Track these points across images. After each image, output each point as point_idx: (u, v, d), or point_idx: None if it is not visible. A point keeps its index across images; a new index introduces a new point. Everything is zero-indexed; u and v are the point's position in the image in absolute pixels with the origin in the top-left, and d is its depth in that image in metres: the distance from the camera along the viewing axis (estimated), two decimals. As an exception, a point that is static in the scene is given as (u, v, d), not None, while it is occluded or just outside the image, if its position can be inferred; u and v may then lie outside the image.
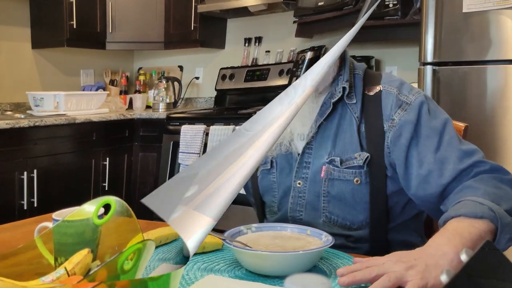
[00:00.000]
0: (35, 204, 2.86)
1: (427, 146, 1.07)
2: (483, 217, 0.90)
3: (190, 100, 4.11)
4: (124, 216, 0.81)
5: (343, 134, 1.14)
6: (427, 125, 1.09)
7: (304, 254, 0.88)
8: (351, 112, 1.14)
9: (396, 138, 1.09)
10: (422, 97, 1.12)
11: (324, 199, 1.14)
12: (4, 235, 1.17)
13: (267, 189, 1.23)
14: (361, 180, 1.11)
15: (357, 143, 1.12)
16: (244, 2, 3.29)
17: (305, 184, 1.16)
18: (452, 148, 1.06)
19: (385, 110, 1.12)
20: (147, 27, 3.71)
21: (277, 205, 1.21)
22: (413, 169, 1.07)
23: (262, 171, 1.23)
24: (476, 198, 0.94)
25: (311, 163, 1.15)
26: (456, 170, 1.03)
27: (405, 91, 1.13)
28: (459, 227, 0.89)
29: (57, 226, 0.80)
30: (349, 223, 1.13)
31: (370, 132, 1.12)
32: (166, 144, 3.32)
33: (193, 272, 0.90)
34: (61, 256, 0.79)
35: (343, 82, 1.15)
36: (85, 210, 0.81)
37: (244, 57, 3.74)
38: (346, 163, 1.12)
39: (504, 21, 2.13)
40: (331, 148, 1.13)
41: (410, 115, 1.09)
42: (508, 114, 2.16)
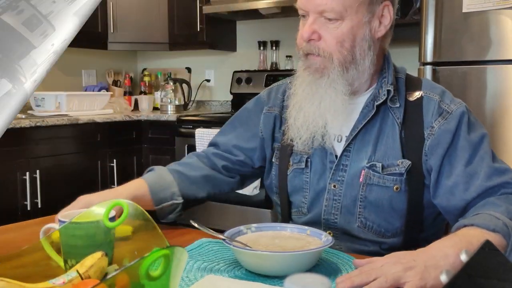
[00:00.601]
0: (39, 205, 2.86)
1: (460, 157, 1.06)
2: (496, 231, 0.89)
3: (202, 103, 4.08)
4: (139, 219, 0.80)
5: (385, 139, 1.11)
6: (465, 136, 1.07)
7: (304, 254, 0.88)
8: (393, 117, 1.12)
9: (434, 146, 1.08)
10: (463, 108, 1.10)
11: (361, 204, 1.11)
12: (8, 236, 1.17)
13: (298, 189, 1.19)
14: (401, 188, 1.09)
15: (399, 149, 1.10)
16: (253, 5, 3.24)
17: (341, 187, 1.13)
18: (483, 163, 1.05)
19: (426, 117, 1.10)
20: (150, 27, 3.70)
21: (307, 206, 1.18)
22: (442, 178, 1.07)
23: (295, 169, 1.19)
24: (494, 213, 0.94)
25: (348, 166, 1.12)
26: (482, 187, 1.02)
27: (447, 99, 1.12)
28: (469, 234, 0.89)
29: (64, 227, 0.80)
30: (384, 230, 1.12)
31: (411, 139, 1.10)
32: (180, 147, 3.28)
33: (193, 273, 0.90)
34: (71, 258, 0.78)
35: (387, 85, 1.12)
36: (94, 212, 0.81)
37: (261, 61, 3.71)
38: (387, 169, 1.10)
39: (504, 21, 2.13)
40: (372, 153, 1.11)
41: (450, 124, 1.08)
42: (508, 114, 2.17)
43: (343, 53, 1.07)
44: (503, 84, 2.18)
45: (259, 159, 1.26)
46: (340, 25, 1.06)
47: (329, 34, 1.06)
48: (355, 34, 1.07)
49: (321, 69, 1.08)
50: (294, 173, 1.19)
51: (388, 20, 1.11)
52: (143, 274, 0.59)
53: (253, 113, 1.28)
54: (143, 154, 3.49)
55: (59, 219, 0.91)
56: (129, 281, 0.60)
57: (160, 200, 1.16)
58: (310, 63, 1.10)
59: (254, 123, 1.26)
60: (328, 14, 1.05)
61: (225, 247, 1.01)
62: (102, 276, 0.75)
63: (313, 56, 1.09)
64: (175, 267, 0.63)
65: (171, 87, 3.73)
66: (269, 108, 1.25)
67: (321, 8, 1.05)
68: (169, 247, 0.61)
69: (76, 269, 0.72)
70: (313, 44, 1.08)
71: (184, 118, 3.29)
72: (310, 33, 1.06)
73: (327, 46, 1.07)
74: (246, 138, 1.26)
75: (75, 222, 0.80)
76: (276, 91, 1.27)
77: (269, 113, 1.25)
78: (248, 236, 0.99)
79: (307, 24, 1.07)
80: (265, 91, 1.30)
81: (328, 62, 1.07)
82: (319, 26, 1.07)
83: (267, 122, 1.24)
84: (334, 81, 1.08)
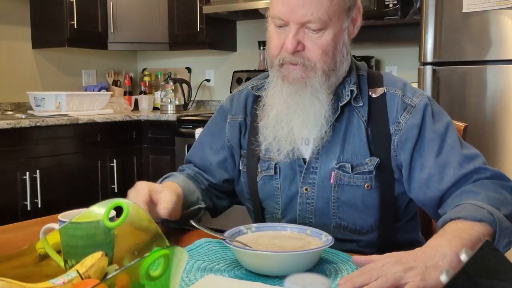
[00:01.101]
0: (39, 205, 2.86)
1: (429, 149, 1.07)
2: (482, 220, 0.90)
3: (203, 103, 4.09)
4: (140, 219, 0.80)
5: (352, 138, 1.11)
6: (431, 128, 1.08)
7: (304, 254, 0.88)
8: (358, 115, 1.12)
9: (403, 141, 1.09)
10: (426, 99, 1.11)
11: (334, 204, 1.12)
12: (8, 236, 1.16)
13: (270, 195, 1.18)
14: (371, 185, 1.10)
15: (366, 147, 1.10)
16: (253, 5, 3.24)
17: (312, 190, 1.13)
18: (453, 152, 1.06)
19: (390, 113, 1.11)
20: (150, 27, 3.70)
21: (281, 212, 1.18)
22: (415, 172, 1.08)
23: (264, 177, 1.18)
24: (476, 201, 0.95)
25: (318, 168, 1.12)
26: (456, 176, 1.03)
27: (409, 93, 1.12)
28: (458, 228, 0.89)
29: (64, 227, 0.80)
30: (359, 227, 1.13)
31: (377, 136, 1.10)
32: (179, 147, 3.28)
33: (193, 273, 0.90)
34: (71, 258, 0.78)
35: (350, 84, 1.12)
36: (94, 212, 0.80)
37: (261, 61, 3.70)
38: (356, 168, 1.10)
39: (504, 21, 2.14)
40: (340, 153, 1.11)
41: (416, 118, 1.09)
42: (508, 114, 2.17)
43: (327, 61, 1.06)
44: (503, 84, 2.18)
45: (232, 169, 1.25)
46: (323, 34, 1.04)
47: (313, 44, 1.04)
48: (336, 41, 1.06)
49: (303, 79, 1.06)
50: (263, 180, 1.18)
51: (359, 21, 1.12)
52: (143, 274, 0.59)
53: (219, 123, 1.27)
54: (143, 154, 3.49)
55: (59, 219, 0.90)
56: (129, 281, 0.60)
57: (188, 205, 1.15)
58: (288, 72, 1.07)
59: (221, 133, 1.25)
60: (313, 25, 1.02)
61: (225, 247, 1.01)
62: (102, 276, 0.75)
63: (291, 65, 1.07)
64: (175, 267, 0.63)
65: (171, 87, 3.73)
66: (233, 116, 1.24)
67: (306, 19, 1.02)
68: (169, 247, 0.61)
69: (76, 269, 0.72)
70: (297, 54, 1.05)
71: (184, 118, 3.29)
72: (296, 45, 1.04)
73: (311, 55, 1.05)
74: (215, 151, 1.26)
75: (75, 222, 0.79)
76: (237, 98, 1.25)
77: (233, 121, 1.23)
78: (248, 236, 1.00)
79: (291, 36, 1.03)
80: (227, 99, 1.29)
81: (311, 71, 1.06)
82: (302, 37, 1.04)
83: (232, 131, 1.23)
84: (316, 90, 1.07)
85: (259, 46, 3.72)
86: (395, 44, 3.23)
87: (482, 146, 2.23)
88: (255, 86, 1.23)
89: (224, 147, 1.25)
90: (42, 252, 0.81)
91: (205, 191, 1.24)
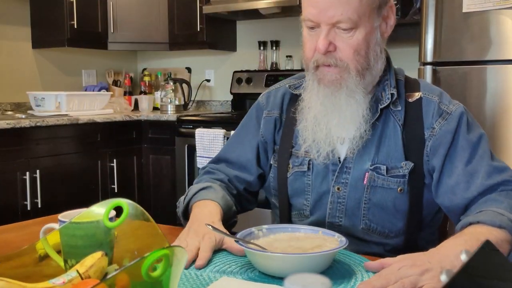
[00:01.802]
0: (39, 205, 2.86)
1: (460, 157, 1.08)
2: (502, 227, 0.91)
3: (203, 103, 4.08)
4: (140, 219, 0.79)
5: (387, 141, 1.12)
6: (464, 136, 1.09)
7: (319, 256, 0.88)
8: (395, 119, 1.12)
9: (436, 147, 1.09)
10: (462, 108, 1.12)
11: (365, 206, 1.12)
12: (8, 236, 1.16)
13: (299, 192, 1.18)
14: (404, 189, 1.10)
15: (401, 150, 1.11)
16: (253, 4, 3.24)
17: (345, 189, 1.13)
18: (483, 162, 1.07)
19: (426, 118, 1.11)
20: (150, 27, 3.70)
21: (310, 209, 1.17)
22: (443, 178, 1.08)
23: (296, 172, 1.18)
24: (497, 209, 0.96)
25: (351, 169, 1.13)
26: (483, 186, 1.04)
27: (445, 100, 1.13)
28: (476, 232, 0.90)
29: (64, 227, 0.80)
30: (388, 231, 1.13)
31: (412, 140, 1.11)
32: (180, 148, 3.28)
33: (207, 274, 0.91)
34: (71, 258, 0.78)
35: (390, 88, 1.13)
36: (94, 212, 0.80)
37: (261, 61, 3.71)
38: (391, 171, 1.10)
39: (504, 21, 2.14)
40: (375, 155, 1.11)
41: (451, 125, 1.09)
42: (508, 114, 2.17)
43: (359, 61, 1.06)
44: (503, 84, 2.18)
45: (264, 164, 1.26)
46: (354, 34, 1.04)
47: (344, 44, 1.05)
48: (369, 41, 1.06)
49: (338, 80, 1.07)
50: (294, 175, 1.18)
51: (393, 20, 1.12)
52: (143, 274, 0.59)
53: (255, 119, 1.28)
54: (143, 154, 3.48)
55: (59, 219, 0.90)
56: (129, 281, 0.60)
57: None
58: (323, 75, 1.08)
59: (256, 129, 1.26)
60: (343, 24, 1.03)
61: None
62: (102, 276, 0.75)
63: (326, 67, 1.07)
64: (175, 267, 0.63)
65: (171, 87, 3.73)
66: (269, 111, 1.25)
67: (336, 19, 1.02)
68: (169, 247, 0.61)
69: (76, 269, 0.72)
70: (330, 55, 1.06)
71: (184, 118, 3.29)
72: (327, 45, 1.04)
73: (344, 56, 1.05)
74: (251, 147, 1.26)
75: (75, 222, 0.79)
76: (274, 95, 1.26)
77: (269, 116, 1.25)
78: (263, 239, 0.98)
79: (322, 37, 1.04)
80: (263, 96, 1.30)
81: (345, 72, 1.06)
82: (334, 37, 1.05)
83: (268, 126, 1.24)
84: (352, 91, 1.07)
85: (259, 46, 3.71)
86: (395, 44, 3.22)
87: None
88: (293, 85, 1.24)
89: (259, 142, 1.26)
90: (43, 253, 0.81)
91: (236, 197, 1.24)
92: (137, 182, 3.46)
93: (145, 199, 3.46)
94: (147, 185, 3.48)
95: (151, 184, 3.47)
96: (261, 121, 1.26)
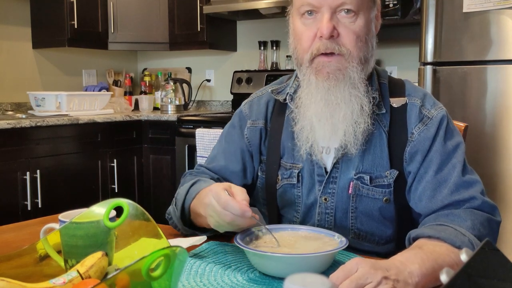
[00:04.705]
0: (39, 205, 2.86)
1: (432, 162, 1.05)
2: (461, 248, 0.87)
3: (203, 103, 4.08)
4: (140, 219, 0.79)
5: (372, 148, 1.08)
6: (441, 142, 1.06)
7: (320, 256, 0.88)
8: (380, 125, 1.09)
9: (413, 153, 1.07)
10: (443, 113, 1.09)
11: (352, 215, 1.10)
12: (8, 236, 1.16)
13: (289, 204, 1.15)
14: (390, 199, 1.08)
15: (387, 159, 1.07)
16: (254, 5, 3.24)
17: (332, 200, 1.10)
18: (454, 172, 1.03)
19: (409, 123, 1.08)
20: (150, 27, 3.70)
21: (299, 221, 1.15)
22: (414, 183, 1.06)
23: (285, 185, 1.15)
24: (460, 228, 0.93)
25: (338, 178, 1.10)
26: (448, 200, 1.01)
27: (428, 104, 1.10)
28: (435, 252, 0.87)
29: (64, 227, 0.80)
30: (378, 238, 1.11)
31: (396, 147, 1.08)
32: (180, 147, 3.27)
33: (207, 274, 0.90)
34: (71, 258, 0.78)
35: (372, 91, 1.08)
36: (94, 212, 0.80)
37: (261, 61, 3.71)
38: (375, 180, 1.08)
39: (504, 21, 2.14)
40: (359, 162, 1.08)
41: (430, 131, 1.06)
42: (508, 114, 2.17)
43: (362, 48, 1.03)
44: (503, 84, 2.18)
45: (251, 175, 1.22)
46: (356, 20, 1.02)
47: (347, 30, 1.02)
48: (368, 30, 1.04)
49: (339, 71, 1.02)
50: (284, 188, 1.15)
51: (380, 22, 1.11)
52: (143, 274, 0.59)
53: (237, 129, 1.23)
54: (143, 154, 3.48)
55: (60, 219, 0.90)
56: (129, 281, 0.60)
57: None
58: (321, 66, 1.03)
59: (240, 138, 1.21)
60: (348, 6, 1.00)
61: (232, 249, 1.01)
62: (103, 276, 0.75)
63: (324, 57, 1.02)
64: (176, 267, 0.63)
65: (171, 87, 3.73)
66: (253, 121, 1.20)
67: (340, 1, 1.00)
68: (170, 247, 0.61)
69: (77, 269, 0.72)
70: (333, 41, 1.01)
71: (184, 118, 3.29)
72: (332, 29, 1.00)
73: (347, 42, 1.02)
74: (236, 158, 1.21)
75: (75, 222, 0.80)
76: (257, 103, 1.22)
77: (254, 126, 1.20)
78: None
79: (326, 20, 1.00)
80: (245, 105, 1.24)
81: (348, 60, 1.02)
82: (336, 23, 1.01)
83: (253, 136, 1.20)
84: (355, 82, 1.03)
85: (260, 46, 3.71)
86: (395, 44, 3.23)
87: (482, 146, 2.23)
88: (275, 90, 1.20)
89: (244, 152, 1.21)
90: (43, 253, 0.81)
91: None
92: (137, 182, 3.46)
93: (145, 199, 3.46)
94: (147, 185, 3.48)
95: (151, 184, 3.47)
96: (244, 131, 1.21)
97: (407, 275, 0.80)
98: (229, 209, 0.89)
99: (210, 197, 0.92)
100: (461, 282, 0.55)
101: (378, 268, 0.78)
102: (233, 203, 0.89)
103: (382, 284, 0.76)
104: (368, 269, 0.77)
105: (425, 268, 0.82)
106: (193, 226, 1.10)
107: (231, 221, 0.90)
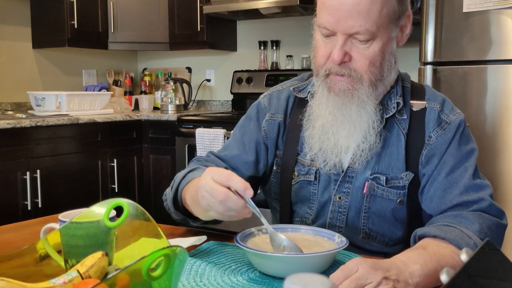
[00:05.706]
0: (39, 205, 2.86)
1: (446, 164, 1.06)
2: None
3: (203, 103, 4.08)
4: (140, 219, 0.79)
5: (389, 150, 1.10)
6: (455, 146, 1.08)
7: (320, 256, 0.88)
8: (399, 127, 1.10)
9: (430, 156, 1.08)
10: (461, 118, 1.10)
11: (365, 215, 1.11)
12: (8, 236, 1.16)
13: (304, 200, 1.16)
14: (404, 201, 1.09)
15: (403, 160, 1.09)
16: (254, 4, 3.23)
17: (346, 199, 1.12)
18: (465, 175, 1.05)
19: (427, 127, 1.09)
20: (150, 27, 3.70)
21: (312, 218, 1.16)
22: (427, 184, 1.08)
23: (301, 181, 1.15)
24: (467, 230, 0.94)
25: (354, 178, 1.11)
26: (456, 200, 1.03)
27: (446, 109, 1.11)
28: (439, 253, 0.88)
29: (64, 227, 0.80)
30: (388, 239, 1.12)
31: (413, 150, 1.09)
32: (180, 147, 3.28)
33: (207, 274, 0.90)
34: (71, 258, 0.78)
35: (396, 96, 1.10)
36: (95, 212, 0.80)
37: (261, 61, 3.71)
38: (391, 181, 1.09)
39: (505, 21, 2.13)
40: (375, 163, 1.09)
41: (447, 135, 1.08)
42: (508, 114, 2.17)
43: (374, 72, 1.03)
44: (504, 84, 2.18)
45: (263, 167, 1.22)
46: (371, 45, 1.00)
47: (360, 55, 1.01)
48: (384, 51, 1.03)
49: (349, 90, 1.03)
50: (300, 184, 1.16)
51: (409, 29, 1.09)
52: (143, 274, 0.59)
53: (255, 121, 1.23)
54: (143, 154, 3.48)
55: (60, 219, 0.90)
56: (129, 281, 0.60)
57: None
58: (333, 84, 1.05)
59: (257, 130, 1.22)
60: (361, 36, 0.99)
61: (232, 249, 1.01)
62: (103, 276, 0.75)
63: (337, 76, 1.04)
64: (176, 267, 0.63)
65: (171, 87, 3.73)
66: (272, 115, 1.21)
67: (354, 31, 0.98)
68: (170, 247, 0.61)
69: (77, 269, 0.72)
70: (344, 65, 1.02)
71: (184, 118, 3.29)
72: (343, 56, 1.00)
73: (358, 67, 1.02)
74: (250, 149, 1.20)
75: (75, 222, 0.80)
76: (277, 97, 1.22)
77: (272, 120, 1.20)
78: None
79: (338, 47, 1.00)
80: (264, 97, 1.24)
81: (358, 82, 1.03)
82: (350, 47, 1.01)
83: (271, 129, 1.20)
84: (364, 102, 1.04)
85: (260, 46, 3.71)
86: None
87: (482, 146, 2.23)
88: (297, 88, 1.21)
89: (260, 144, 1.21)
90: (43, 253, 0.81)
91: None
92: (137, 182, 3.46)
93: (145, 199, 3.46)
94: (147, 185, 3.48)
95: (151, 184, 3.47)
96: (262, 123, 1.21)
97: (408, 275, 0.81)
98: (231, 183, 0.86)
99: (207, 175, 0.89)
100: (461, 282, 0.55)
101: (378, 268, 0.78)
102: (235, 177, 0.86)
103: (382, 284, 0.77)
104: (368, 269, 0.78)
105: (427, 269, 0.83)
106: (185, 213, 1.09)
107: (224, 199, 0.85)
